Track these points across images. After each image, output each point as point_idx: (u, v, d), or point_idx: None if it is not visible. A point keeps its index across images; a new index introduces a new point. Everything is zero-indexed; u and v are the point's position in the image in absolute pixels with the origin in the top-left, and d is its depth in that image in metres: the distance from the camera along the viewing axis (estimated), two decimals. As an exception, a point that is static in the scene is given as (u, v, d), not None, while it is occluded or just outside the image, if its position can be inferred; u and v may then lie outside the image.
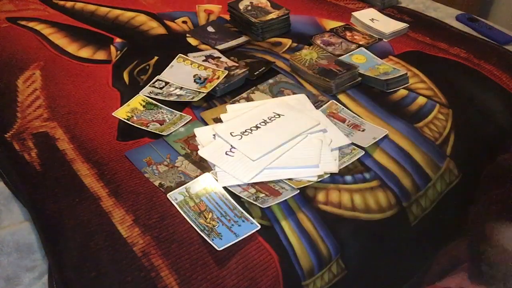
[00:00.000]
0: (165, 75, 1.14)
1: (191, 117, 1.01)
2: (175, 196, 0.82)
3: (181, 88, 1.10)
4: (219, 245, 0.74)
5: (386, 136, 0.97)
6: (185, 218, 0.79)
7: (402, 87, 1.11)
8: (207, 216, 0.79)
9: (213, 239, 0.75)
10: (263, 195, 0.82)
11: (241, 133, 0.91)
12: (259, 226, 0.78)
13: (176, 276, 0.71)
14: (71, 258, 0.73)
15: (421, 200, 0.91)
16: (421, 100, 1.08)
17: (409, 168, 0.92)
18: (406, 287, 1.00)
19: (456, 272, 1.06)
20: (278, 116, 0.95)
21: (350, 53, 1.22)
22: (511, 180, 1.07)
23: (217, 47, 1.25)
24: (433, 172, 0.94)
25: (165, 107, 1.04)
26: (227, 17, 1.40)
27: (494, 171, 1.06)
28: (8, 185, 0.90)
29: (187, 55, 1.18)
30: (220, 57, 1.20)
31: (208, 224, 0.78)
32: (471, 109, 1.08)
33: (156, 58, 1.21)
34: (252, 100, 1.06)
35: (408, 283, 1.00)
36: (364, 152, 0.93)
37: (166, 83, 1.12)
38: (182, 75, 1.13)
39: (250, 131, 0.92)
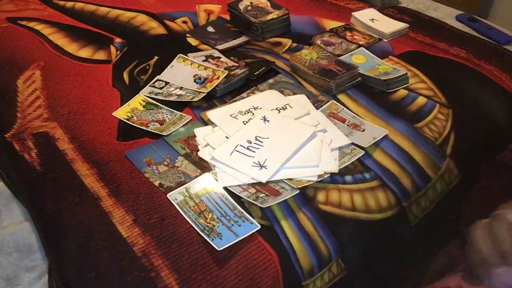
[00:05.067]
0: (165, 75, 1.14)
1: (191, 117, 1.01)
2: (175, 196, 0.82)
3: (181, 88, 1.10)
4: (219, 245, 0.74)
5: (386, 136, 0.97)
6: (185, 218, 0.79)
7: (402, 87, 1.11)
8: (207, 216, 0.79)
9: (213, 239, 0.75)
10: (263, 195, 0.82)
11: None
12: (259, 226, 0.78)
13: (176, 276, 0.71)
14: (71, 258, 0.73)
15: (421, 200, 0.91)
16: (421, 100, 1.08)
17: (409, 168, 0.92)
18: (406, 287, 1.00)
19: (455, 272, 1.06)
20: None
21: (350, 53, 1.22)
22: (509, 177, 1.07)
23: (217, 47, 1.25)
24: (433, 172, 0.94)
25: (165, 107, 1.04)
26: (227, 17, 1.40)
27: (492, 169, 1.06)
28: (8, 185, 0.90)
29: (187, 55, 1.18)
30: (220, 57, 1.20)
31: (208, 224, 0.78)
32: (471, 109, 1.08)
33: (156, 58, 1.21)
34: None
35: (408, 283, 1.00)
36: (364, 152, 0.93)
37: (166, 83, 1.12)
38: (182, 75, 1.13)
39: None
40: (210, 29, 1.34)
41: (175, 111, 1.03)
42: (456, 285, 1.03)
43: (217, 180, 0.85)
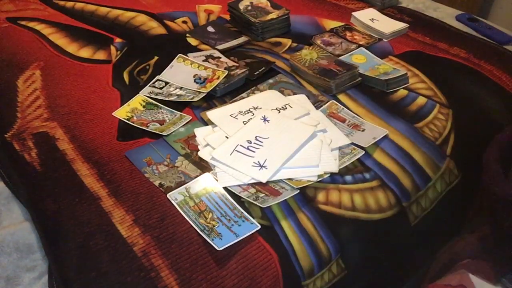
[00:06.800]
0: (165, 75, 1.14)
1: (191, 117, 1.01)
2: (175, 196, 0.82)
3: (181, 88, 1.10)
4: (219, 245, 0.74)
5: (386, 136, 0.97)
6: (185, 218, 0.79)
7: (402, 87, 1.11)
8: (207, 216, 0.79)
9: (213, 239, 0.75)
10: (263, 195, 0.82)
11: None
12: (259, 226, 0.78)
13: (176, 276, 0.71)
14: (71, 258, 0.73)
15: (421, 200, 0.91)
16: (421, 100, 1.08)
17: (409, 168, 0.92)
18: (406, 287, 1.00)
19: (457, 269, 1.06)
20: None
21: (350, 53, 1.22)
22: None
23: (217, 47, 1.25)
24: (433, 172, 0.94)
25: (165, 107, 1.04)
26: (227, 17, 1.40)
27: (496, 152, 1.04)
28: (8, 185, 0.90)
29: (187, 55, 1.18)
30: (220, 57, 1.20)
31: (208, 224, 0.78)
32: (471, 109, 1.08)
33: (156, 58, 1.21)
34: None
35: (408, 282, 1.00)
36: (364, 152, 0.93)
37: (166, 83, 1.12)
38: (182, 75, 1.13)
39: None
40: (210, 29, 1.34)
41: (175, 111, 1.03)
42: (458, 283, 1.03)
43: (217, 180, 0.85)
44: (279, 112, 0.98)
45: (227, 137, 0.92)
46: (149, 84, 1.11)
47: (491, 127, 1.07)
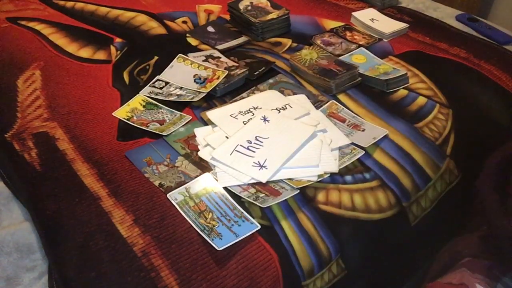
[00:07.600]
0: (165, 75, 1.14)
1: (191, 117, 1.01)
2: (175, 196, 0.82)
3: (181, 88, 1.10)
4: (219, 245, 0.74)
5: (386, 136, 0.97)
6: (185, 218, 0.79)
7: (402, 87, 1.11)
8: (207, 216, 0.79)
9: (213, 239, 0.75)
10: (263, 195, 0.82)
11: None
12: (259, 226, 0.78)
13: (176, 276, 0.71)
14: (71, 258, 0.73)
15: (421, 200, 0.91)
16: (421, 100, 1.08)
17: (409, 168, 0.92)
18: (406, 287, 1.00)
19: (457, 268, 1.06)
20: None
21: (350, 53, 1.22)
22: None
23: (217, 47, 1.25)
24: (433, 172, 0.94)
25: (165, 107, 1.04)
26: (227, 17, 1.40)
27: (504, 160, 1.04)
28: (8, 185, 0.90)
29: (187, 55, 1.18)
30: (220, 57, 1.20)
31: (208, 224, 0.78)
32: (471, 109, 1.08)
33: (156, 58, 1.21)
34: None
35: (408, 282, 1.00)
36: (364, 152, 0.93)
37: (166, 83, 1.12)
38: (182, 75, 1.13)
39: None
40: (210, 29, 1.34)
41: (175, 111, 1.03)
42: (459, 281, 1.03)
43: (217, 180, 0.85)
44: (279, 112, 0.98)
45: (227, 137, 0.92)
46: (149, 84, 1.11)
47: (491, 127, 1.07)
